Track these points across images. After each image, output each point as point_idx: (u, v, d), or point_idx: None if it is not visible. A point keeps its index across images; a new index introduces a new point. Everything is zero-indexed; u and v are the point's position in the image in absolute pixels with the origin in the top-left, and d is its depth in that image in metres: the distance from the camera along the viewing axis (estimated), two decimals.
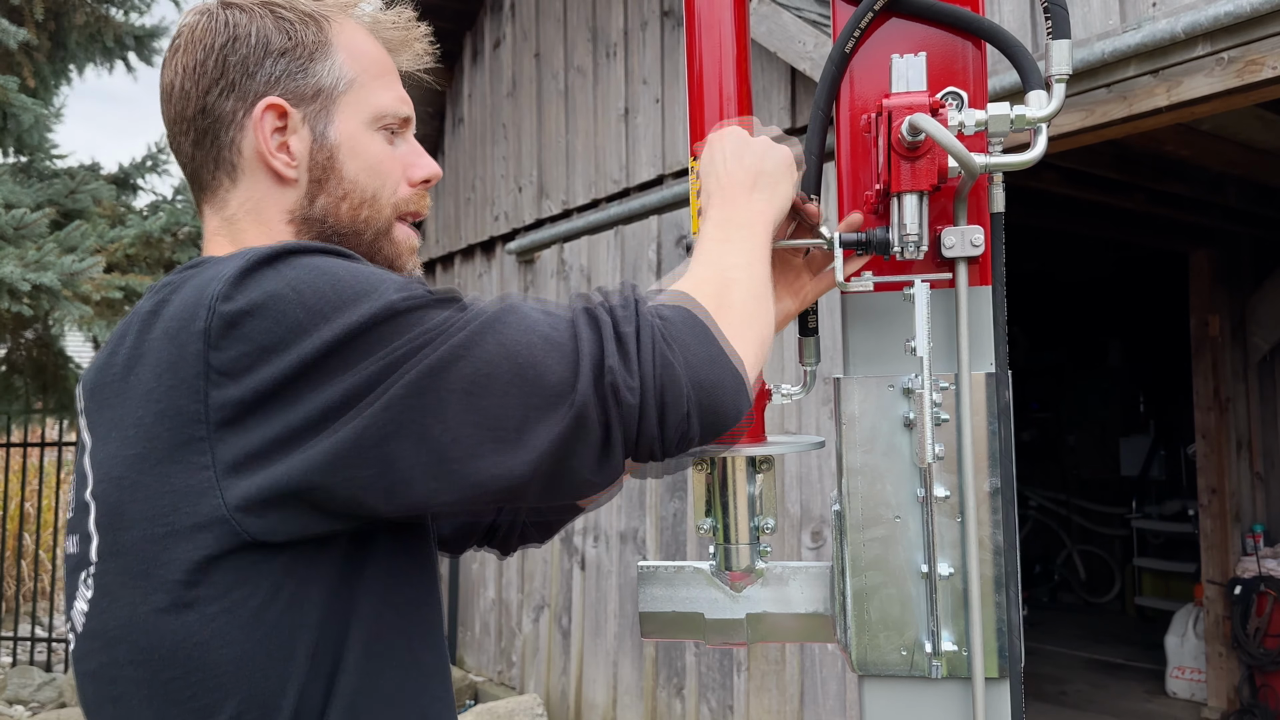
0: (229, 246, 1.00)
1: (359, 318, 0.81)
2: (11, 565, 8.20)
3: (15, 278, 4.78)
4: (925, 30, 1.15)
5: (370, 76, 1.05)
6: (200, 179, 1.03)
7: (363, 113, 1.03)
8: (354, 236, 1.03)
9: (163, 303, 0.88)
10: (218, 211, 1.03)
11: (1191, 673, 5.92)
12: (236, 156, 1.01)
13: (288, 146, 1.00)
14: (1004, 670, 1.11)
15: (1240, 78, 2.62)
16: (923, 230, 1.05)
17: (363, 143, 1.03)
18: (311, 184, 1.01)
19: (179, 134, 1.03)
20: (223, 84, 0.99)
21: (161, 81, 1.04)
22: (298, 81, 1.00)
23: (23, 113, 5.75)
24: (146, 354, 0.86)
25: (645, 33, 4.63)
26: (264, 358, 0.81)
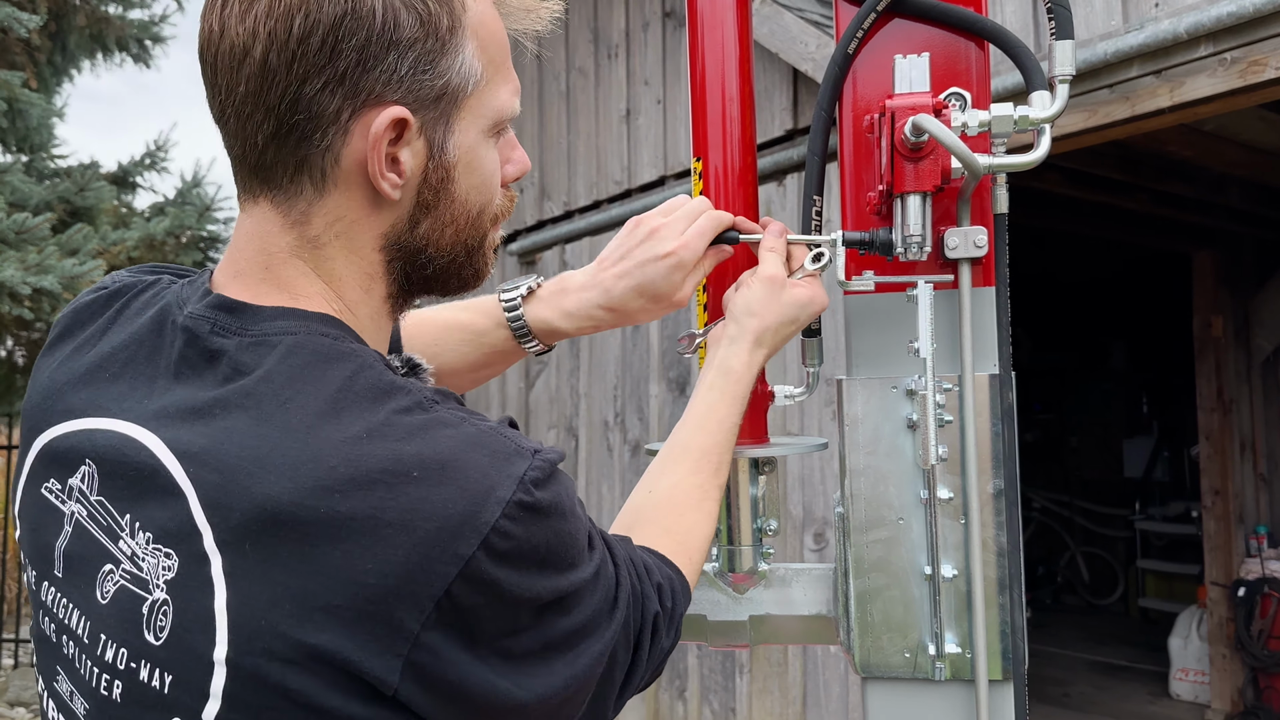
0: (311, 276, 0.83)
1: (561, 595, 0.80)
2: (13, 568, 8.20)
3: (16, 281, 4.79)
4: (928, 31, 1.15)
5: (494, 68, 0.86)
6: (270, 176, 0.82)
7: (484, 119, 0.86)
8: (450, 261, 0.89)
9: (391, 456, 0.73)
10: (294, 226, 0.82)
11: (1195, 675, 5.91)
12: (330, 165, 0.80)
13: (397, 161, 0.81)
14: (1007, 672, 1.11)
15: (1243, 78, 2.62)
16: (926, 231, 1.05)
17: (479, 156, 0.87)
18: (417, 207, 0.84)
19: (249, 116, 0.79)
20: (330, 74, 0.77)
21: (226, 35, 0.78)
22: (422, 82, 0.80)
23: (30, 109, 5.76)
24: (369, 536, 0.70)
25: (647, 34, 4.63)
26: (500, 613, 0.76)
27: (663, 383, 4.39)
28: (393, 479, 0.71)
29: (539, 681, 0.77)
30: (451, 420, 0.77)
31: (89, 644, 0.80)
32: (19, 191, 5.52)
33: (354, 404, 0.75)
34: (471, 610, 0.73)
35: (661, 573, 0.95)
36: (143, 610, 0.76)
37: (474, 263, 0.92)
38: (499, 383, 5.63)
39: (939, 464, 1.10)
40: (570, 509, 0.80)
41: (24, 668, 7.09)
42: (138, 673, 0.76)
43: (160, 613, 0.76)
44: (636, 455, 4.55)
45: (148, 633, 0.76)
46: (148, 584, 0.76)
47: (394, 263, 0.86)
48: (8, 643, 7.59)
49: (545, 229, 5.33)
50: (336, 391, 0.75)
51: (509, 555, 0.73)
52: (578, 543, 0.81)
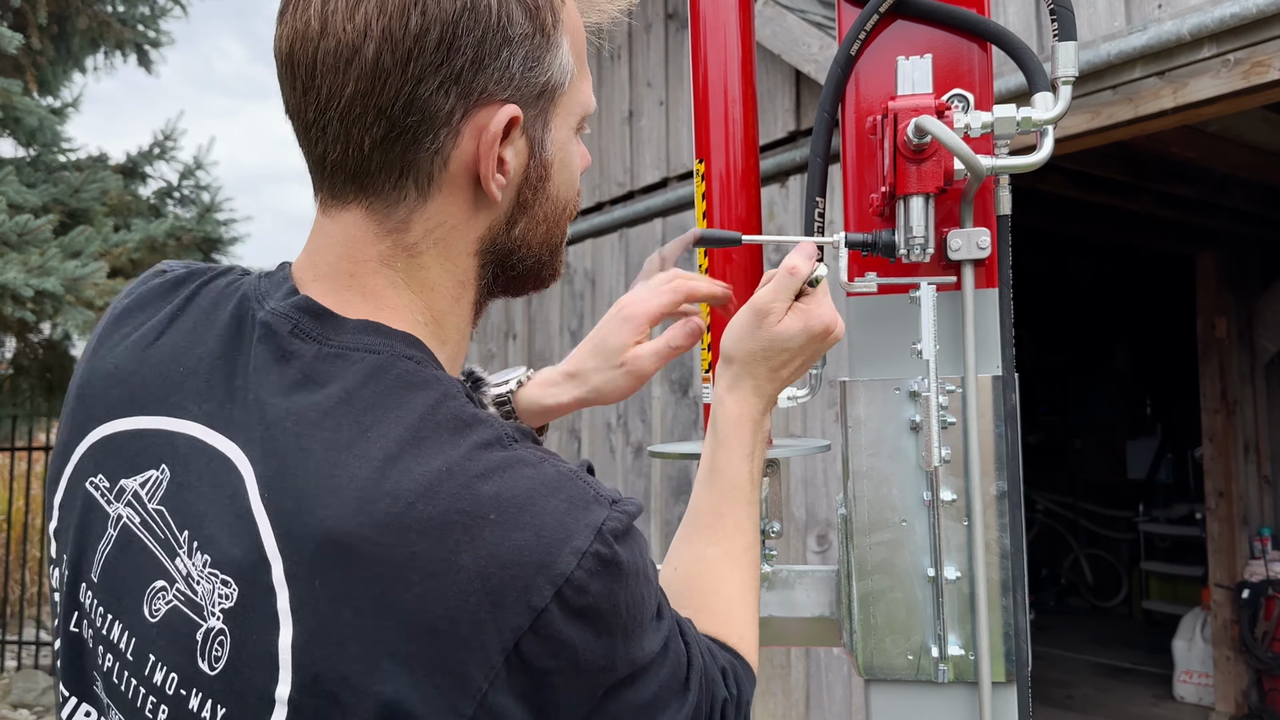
0: (402, 288, 0.80)
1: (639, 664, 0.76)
2: (16, 570, 8.21)
3: (18, 283, 4.80)
4: (931, 32, 1.15)
5: (579, 64, 0.84)
6: (371, 181, 0.77)
7: (574, 115, 0.85)
8: (536, 261, 0.87)
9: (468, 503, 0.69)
10: (391, 233, 0.78)
11: (1199, 677, 5.90)
12: (439, 168, 0.77)
13: (503, 161, 0.78)
14: (1011, 674, 1.11)
15: (1246, 79, 2.62)
16: (929, 233, 1.05)
17: (570, 152, 0.85)
18: (516, 207, 0.82)
19: (356, 120, 0.75)
20: (446, 72, 0.73)
21: (331, 33, 0.73)
22: (529, 79, 0.78)
23: (27, 115, 5.78)
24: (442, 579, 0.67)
25: (649, 35, 4.63)
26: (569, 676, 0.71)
27: (665, 384, 4.39)
28: (470, 520, 0.68)
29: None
30: (531, 460, 0.74)
31: (134, 661, 0.76)
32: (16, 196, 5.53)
33: (434, 435, 0.72)
34: (543, 675, 0.69)
35: (723, 656, 0.90)
36: (197, 637, 0.73)
37: (554, 261, 0.90)
38: None
39: (942, 466, 1.09)
40: (645, 571, 0.76)
41: (26, 669, 7.10)
42: (187, 700, 0.73)
43: (216, 642, 0.72)
44: (639, 457, 4.55)
45: (201, 661, 0.72)
46: (203, 610, 0.72)
47: (486, 266, 0.84)
48: (10, 644, 7.60)
49: None
50: (418, 421, 0.72)
51: (584, 613, 0.70)
52: (649, 609, 0.77)
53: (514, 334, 5.56)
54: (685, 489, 4.26)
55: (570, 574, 0.68)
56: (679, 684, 0.79)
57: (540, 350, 5.32)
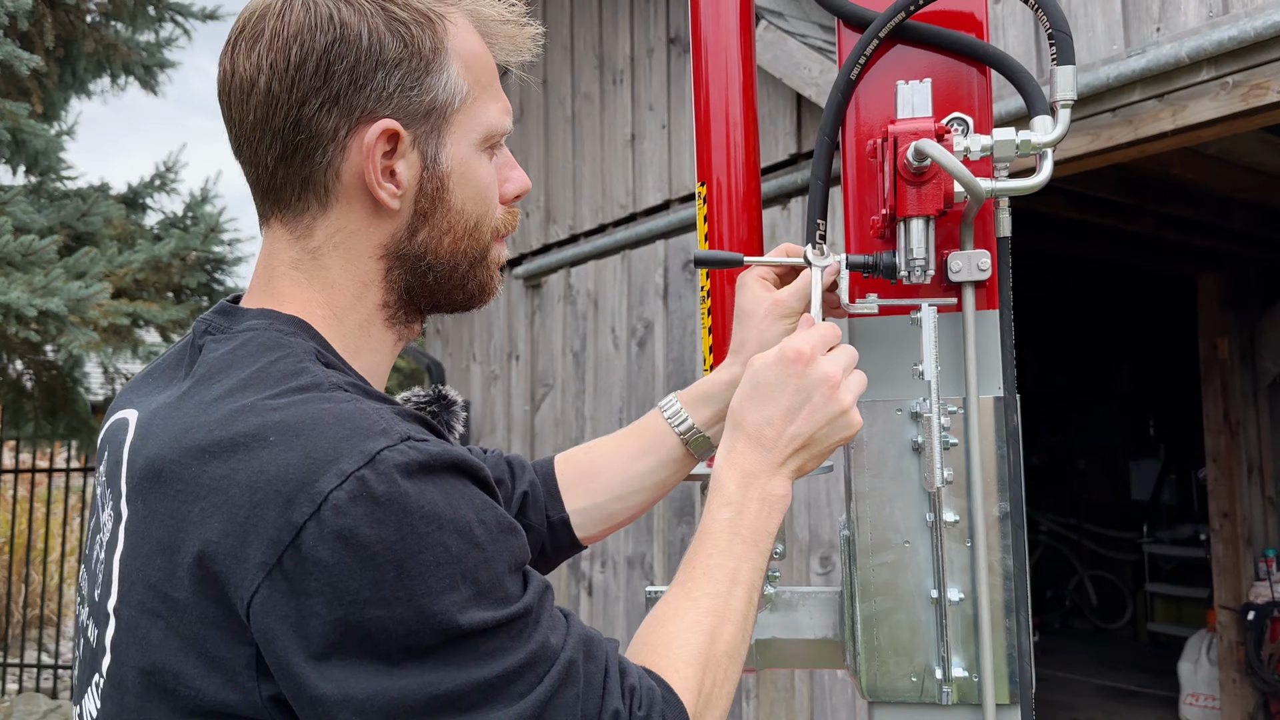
0: (304, 285, 0.90)
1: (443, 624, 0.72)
2: (18, 592, 8.19)
3: (22, 303, 4.81)
4: (930, 57, 1.16)
5: (481, 87, 0.93)
6: (280, 197, 0.89)
7: (475, 133, 0.92)
8: (450, 270, 0.94)
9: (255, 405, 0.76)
10: (298, 240, 0.90)
11: (1205, 699, 5.86)
12: (332, 180, 0.87)
13: (394, 173, 0.88)
14: (1015, 696, 1.10)
15: (1245, 101, 2.63)
16: (929, 255, 1.06)
17: (472, 167, 0.93)
18: (415, 216, 0.90)
19: (259, 142, 0.87)
20: (324, 95, 0.84)
21: (235, 73, 0.87)
22: (411, 98, 0.87)
23: (33, 138, 5.81)
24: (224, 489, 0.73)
25: (651, 59, 4.66)
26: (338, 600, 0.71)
27: None
28: (253, 442, 0.75)
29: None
30: (340, 399, 0.78)
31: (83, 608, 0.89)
32: (22, 219, 5.55)
33: (261, 383, 0.80)
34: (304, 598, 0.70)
35: (641, 679, 0.84)
36: (98, 572, 0.85)
37: (478, 275, 0.96)
38: (504, 406, 5.63)
39: (945, 487, 1.09)
40: (451, 519, 0.74)
41: (28, 692, 7.07)
42: (88, 630, 0.85)
43: (99, 570, 0.85)
44: None
45: (96, 591, 0.84)
46: (102, 545, 0.85)
47: (393, 271, 0.92)
48: (11, 667, 7.57)
49: (550, 252, 5.34)
50: (254, 372, 0.81)
51: (344, 536, 0.70)
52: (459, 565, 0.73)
53: (516, 355, 5.57)
54: (687, 509, 4.26)
55: (329, 493, 0.71)
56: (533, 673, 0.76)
57: (543, 372, 5.32)
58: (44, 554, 7.94)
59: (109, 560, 0.82)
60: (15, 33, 5.74)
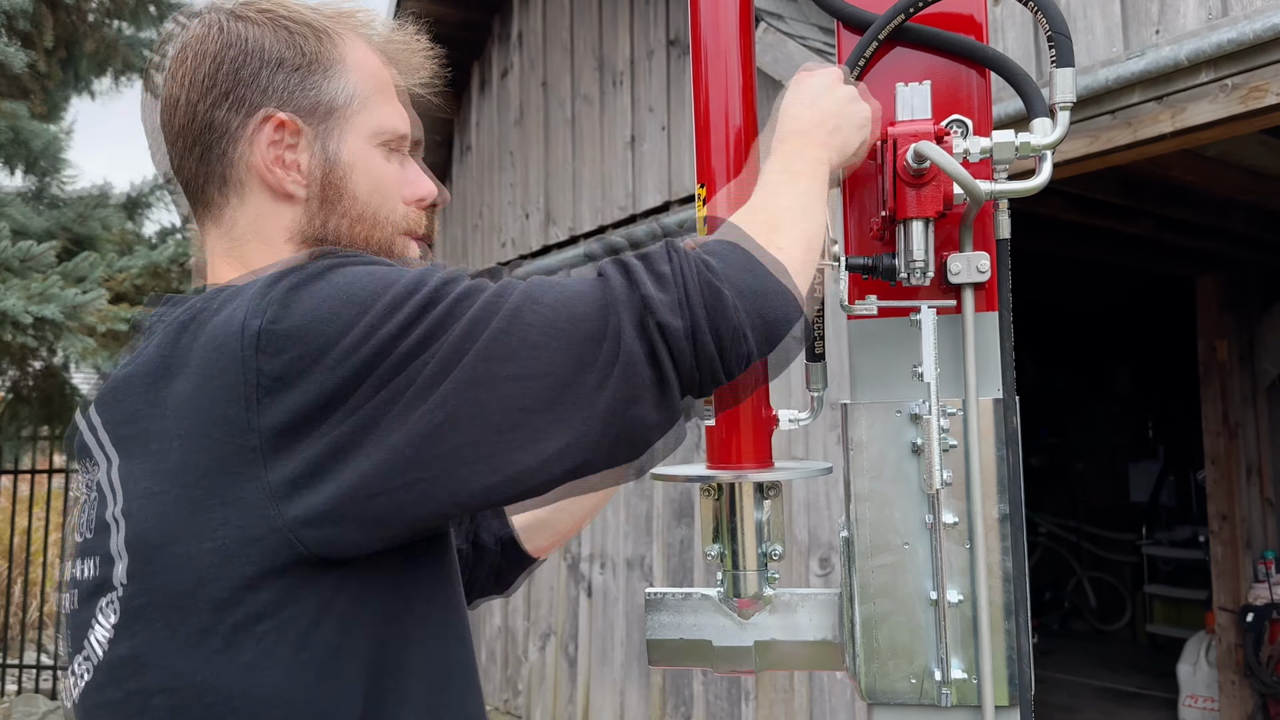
0: (238, 267, 0.98)
1: (407, 314, 0.80)
2: (17, 593, 8.18)
3: (18, 310, 4.80)
4: (930, 59, 1.16)
5: (377, 94, 1.03)
6: (204, 196, 1.00)
7: (370, 131, 1.02)
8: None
9: (199, 315, 0.85)
10: (225, 232, 1.00)
11: (1204, 701, 5.86)
12: (243, 173, 0.97)
13: (297, 164, 0.98)
14: (1014, 698, 1.11)
15: (1244, 104, 2.63)
16: (929, 256, 1.06)
17: (370, 161, 1.01)
18: (322, 203, 0.99)
19: (182, 149, 0.99)
20: (230, 97, 0.96)
21: (162, 96, 1.01)
22: (306, 96, 0.98)
23: (34, 139, 5.80)
24: (186, 365, 0.82)
25: (651, 61, 4.66)
26: (318, 363, 0.79)
27: None
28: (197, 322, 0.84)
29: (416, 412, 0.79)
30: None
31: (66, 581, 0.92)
32: (20, 222, 5.54)
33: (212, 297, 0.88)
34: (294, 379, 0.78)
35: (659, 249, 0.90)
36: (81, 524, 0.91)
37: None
38: None
39: (944, 489, 1.10)
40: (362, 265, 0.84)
41: (27, 694, 7.06)
42: (83, 572, 0.89)
43: (88, 510, 0.90)
44: (641, 480, 4.54)
45: (88, 532, 0.89)
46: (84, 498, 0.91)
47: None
48: (11, 668, 7.56)
49: (550, 254, 5.35)
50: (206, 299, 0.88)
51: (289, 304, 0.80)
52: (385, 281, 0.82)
53: None
54: (687, 511, 4.26)
55: (272, 296, 0.81)
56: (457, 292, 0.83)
57: None
58: (43, 554, 7.93)
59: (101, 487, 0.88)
60: (15, 33, 5.73)
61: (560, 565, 5.12)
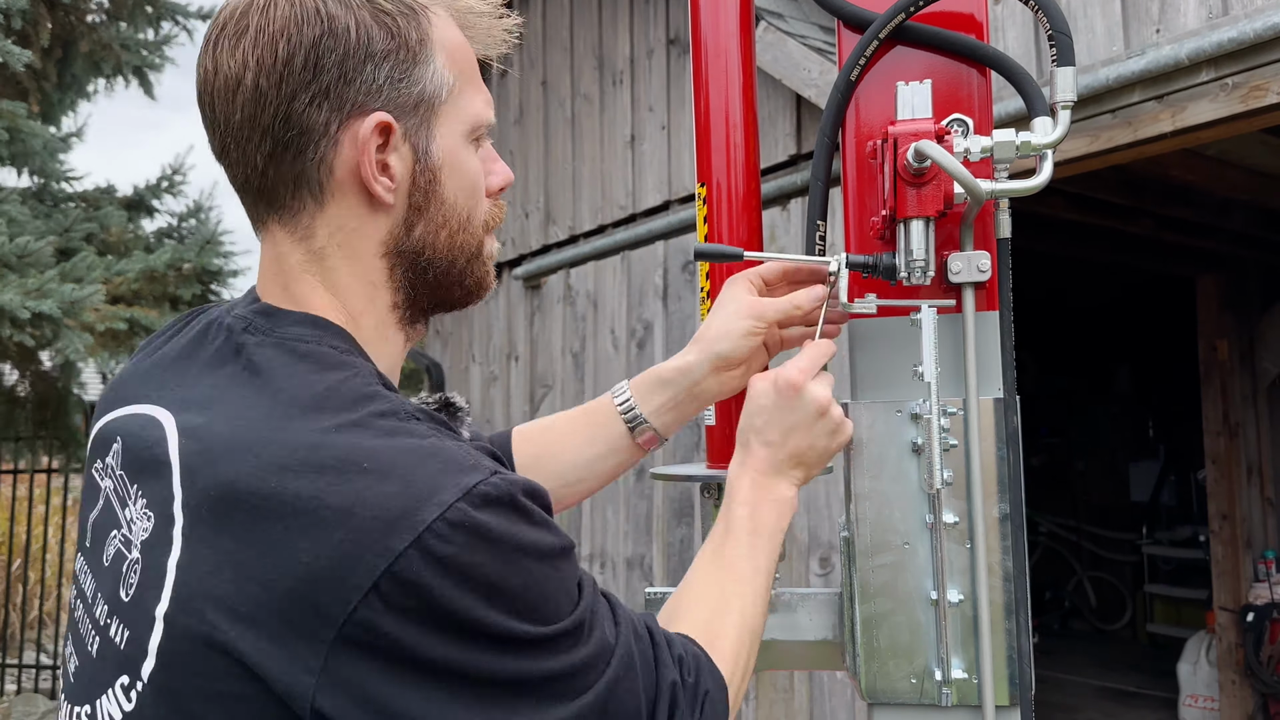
0: (320, 290, 0.89)
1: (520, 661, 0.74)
2: (16, 593, 8.19)
3: (15, 305, 4.79)
4: (930, 58, 1.16)
5: (465, 79, 0.92)
6: (274, 197, 0.88)
7: (462, 124, 0.92)
8: (449, 265, 0.94)
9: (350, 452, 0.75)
10: (301, 240, 0.88)
11: (1204, 701, 5.86)
12: (326, 176, 0.86)
13: (387, 166, 0.87)
14: (1014, 698, 1.10)
15: (1244, 103, 2.63)
16: (929, 256, 1.06)
17: (462, 159, 0.92)
18: (410, 210, 0.89)
19: (246, 141, 0.85)
20: (314, 89, 0.83)
21: (219, 71, 0.85)
22: (400, 90, 0.86)
23: (31, 138, 5.79)
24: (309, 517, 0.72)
25: (651, 60, 4.66)
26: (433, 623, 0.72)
27: None
28: (345, 466, 0.73)
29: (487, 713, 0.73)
30: (422, 432, 0.78)
31: (90, 604, 0.86)
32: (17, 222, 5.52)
33: (336, 402, 0.78)
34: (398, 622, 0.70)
35: (685, 647, 0.90)
36: (123, 569, 0.81)
37: (475, 270, 0.97)
38: (504, 407, 5.63)
39: (944, 488, 1.09)
40: (540, 549, 0.77)
41: (27, 693, 7.07)
42: (109, 628, 0.81)
43: (132, 570, 0.81)
44: (641, 479, 4.54)
45: (122, 590, 0.81)
46: (132, 544, 0.82)
47: (396, 269, 0.91)
48: (10, 668, 7.56)
49: (550, 253, 5.34)
50: (325, 390, 0.79)
51: (444, 562, 0.71)
52: (549, 595, 0.77)
53: (516, 356, 5.57)
54: (687, 511, 4.26)
55: (432, 523, 0.71)
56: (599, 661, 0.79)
57: (542, 373, 5.32)
58: (42, 554, 7.93)
59: (153, 562, 0.79)
60: (12, 32, 5.73)
61: None
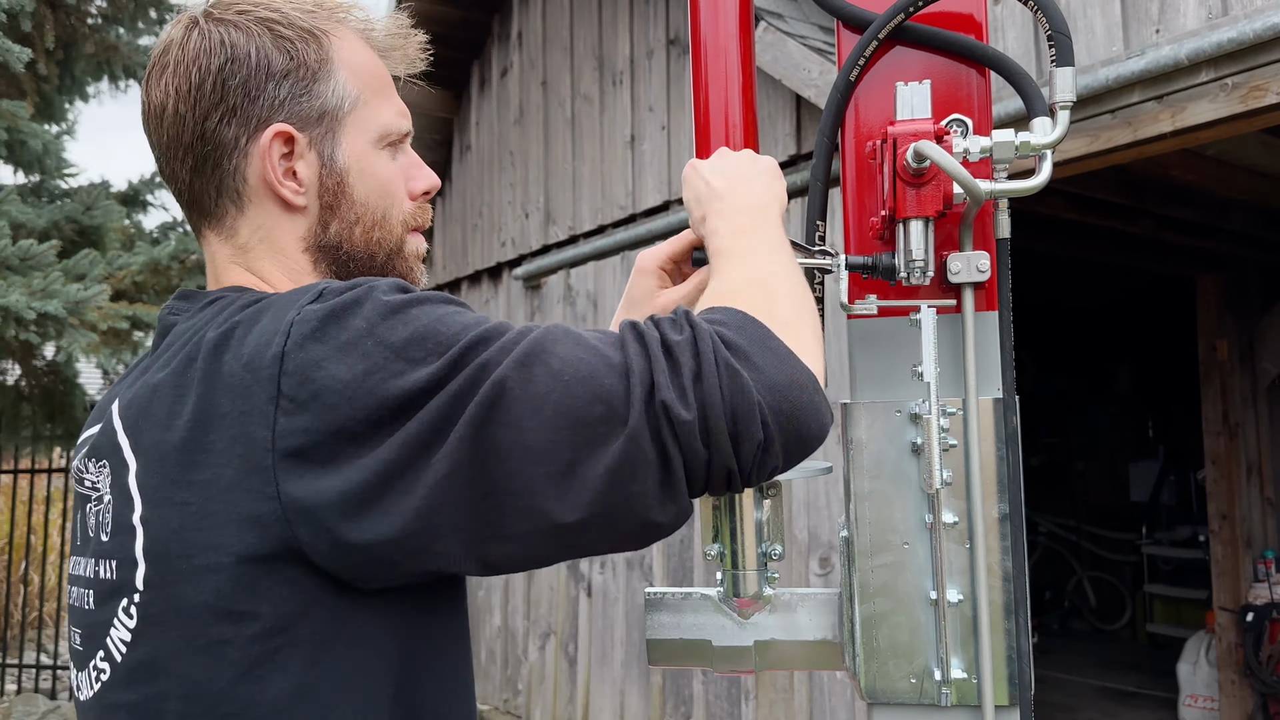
0: (248, 276, 0.98)
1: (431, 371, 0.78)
2: (16, 593, 8.18)
3: (21, 306, 4.80)
4: (929, 58, 1.16)
5: (372, 93, 1.01)
6: (201, 205, 0.99)
7: (368, 132, 1.00)
8: (368, 259, 1.01)
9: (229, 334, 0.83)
10: (227, 240, 0.99)
11: (1204, 701, 5.86)
12: (241, 184, 0.96)
13: (294, 173, 0.96)
14: (1014, 698, 1.10)
15: (1244, 103, 2.63)
16: (928, 256, 1.06)
17: (370, 163, 1.00)
18: (323, 210, 0.98)
19: (173, 160, 0.97)
20: (223, 109, 0.94)
21: (149, 101, 0.98)
22: (302, 104, 0.96)
23: (31, 139, 5.80)
24: (213, 381, 0.81)
25: (651, 61, 4.66)
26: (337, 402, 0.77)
27: None
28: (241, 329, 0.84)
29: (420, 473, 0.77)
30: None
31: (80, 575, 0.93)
32: (18, 219, 5.53)
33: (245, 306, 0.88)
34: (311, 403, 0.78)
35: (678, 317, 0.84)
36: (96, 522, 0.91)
37: (396, 266, 1.04)
38: None
39: (944, 488, 1.09)
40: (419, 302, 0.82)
41: (27, 693, 7.06)
42: (100, 573, 0.89)
43: (105, 513, 0.89)
44: None
45: (102, 534, 0.89)
46: (99, 499, 0.90)
47: (320, 262, 1.00)
48: (10, 668, 7.56)
49: (550, 253, 5.35)
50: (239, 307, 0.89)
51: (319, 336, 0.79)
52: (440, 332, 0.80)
53: None
54: None
55: (294, 318, 0.80)
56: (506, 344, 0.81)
57: None
58: (43, 554, 7.93)
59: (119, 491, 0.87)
60: (16, 33, 5.72)
61: (560, 565, 5.12)
